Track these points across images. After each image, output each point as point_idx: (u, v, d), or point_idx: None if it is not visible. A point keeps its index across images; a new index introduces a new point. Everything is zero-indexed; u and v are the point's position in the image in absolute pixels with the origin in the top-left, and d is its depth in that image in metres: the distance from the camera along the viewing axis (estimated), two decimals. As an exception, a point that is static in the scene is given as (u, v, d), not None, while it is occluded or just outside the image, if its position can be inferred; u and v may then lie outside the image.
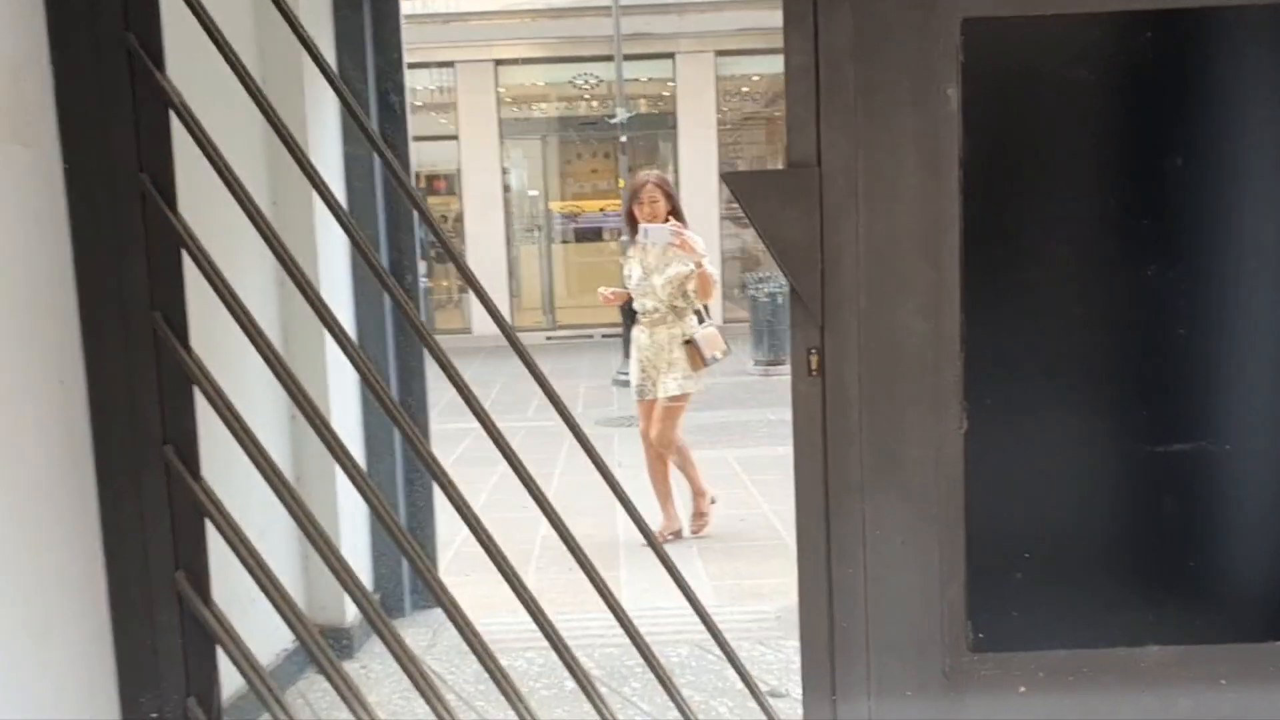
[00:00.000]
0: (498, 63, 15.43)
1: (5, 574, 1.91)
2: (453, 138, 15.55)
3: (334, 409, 3.63)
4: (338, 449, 2.04)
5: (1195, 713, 1.95)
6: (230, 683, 2.24)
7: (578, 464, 6.18)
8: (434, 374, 4.06)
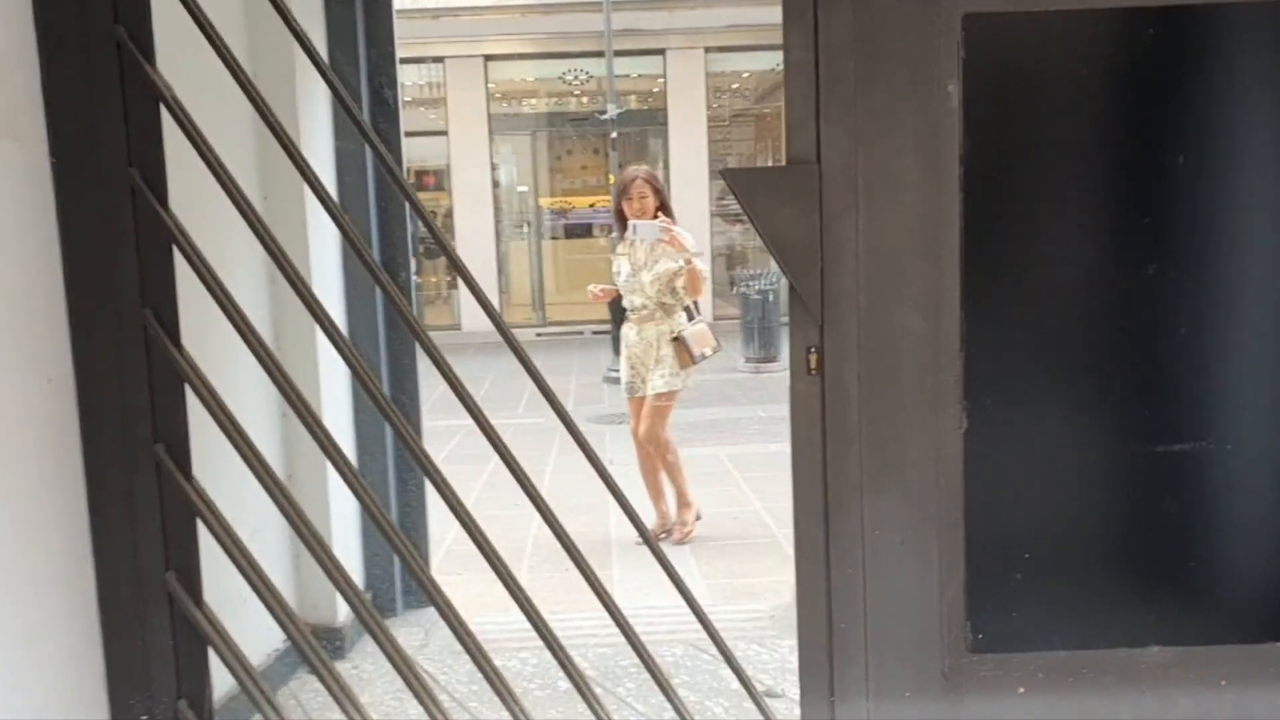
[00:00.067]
0: (487, 58, 15.41)
1: (-7, 574, 1.89)
2: (442, 133, 15.52)
3: (326, 406, 3.60)
4: (329, 446, 2.02)
5: (1195, 713, 1.95)
6: (221, 684, 2.22)
7: (569, 462, 6.22)
8: (422, 370, 4.04)
